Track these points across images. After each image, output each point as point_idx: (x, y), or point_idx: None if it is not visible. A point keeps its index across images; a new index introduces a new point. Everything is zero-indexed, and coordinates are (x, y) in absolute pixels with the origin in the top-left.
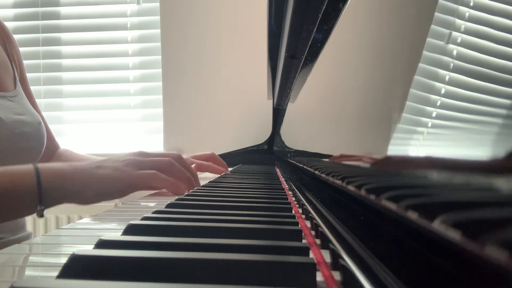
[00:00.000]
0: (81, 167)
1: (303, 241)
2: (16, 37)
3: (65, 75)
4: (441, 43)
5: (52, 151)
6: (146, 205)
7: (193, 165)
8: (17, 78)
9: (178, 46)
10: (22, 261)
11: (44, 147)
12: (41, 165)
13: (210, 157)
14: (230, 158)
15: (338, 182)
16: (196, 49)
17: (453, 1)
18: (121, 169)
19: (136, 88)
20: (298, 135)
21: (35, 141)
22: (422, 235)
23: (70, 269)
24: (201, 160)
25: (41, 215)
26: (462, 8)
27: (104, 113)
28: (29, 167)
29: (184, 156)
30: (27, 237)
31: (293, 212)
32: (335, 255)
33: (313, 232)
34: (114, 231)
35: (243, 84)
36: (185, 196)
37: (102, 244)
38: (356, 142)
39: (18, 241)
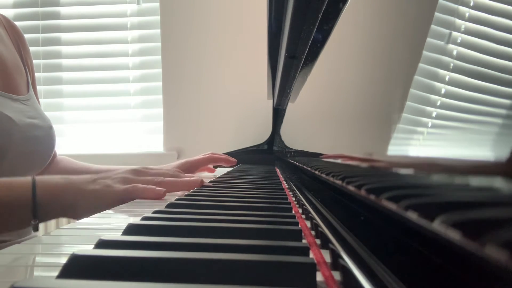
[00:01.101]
0: (74, 182)
1: (303, 241)
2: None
3: (65, 75)
4: (441, 43)
5: (50, 159)
6: (145, 205)
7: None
8: (30, 83)
9: (178, 46)
10: (22, 261)
11: (54, 151)
12: (38, 179)
13: (208, 159)
14: None
15: (338, 182)
16: (196, 49)
17: (453, 1)
18: (110, 185)
19: (136, 88)
20: (298, 135)
21: (45, 145)
22: (422, 235)
23: (70, 269)
24: (199, 162)
25: (35, 228)
26: (462, 8)
27: (104, 113)
28: (26, 180)
29: (183, 161)
30: None
31: (293, 212)
32: (335, 255)
33: (313, 232)
34: (114, 231)
35: (243, 84)
36: (185, 196)
37: (102, 244)
38: (356, 142)
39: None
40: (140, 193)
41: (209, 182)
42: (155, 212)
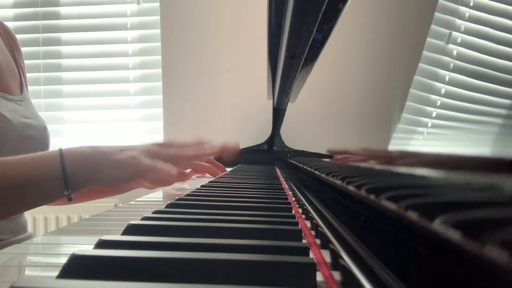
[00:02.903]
0: (101, 150)
1: (303, 241)
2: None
3: (65, 75)
4: (441, 43)
5: None
6: (146, 205)
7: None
8: (24, 84)
9: (178, 46)
10: (22, 261)
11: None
12: (65, 150)
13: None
14: None
15: (338, 182)
16: (196, 49)
17: (453, 1)
18: (135, 156)
19: (136, 88)
20: (298, 135)
21: (40, 145)
22: (422, 235)
23: (70, 269)
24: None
25: (69, 198)
26: (462, 8)
27: (104, 113)
28: (55, 153)
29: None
30: (28, 238)
31: (293, 212)
32: (335, 255)
33: (313, 232)
34: (114, 231)
35: (243, 84)
36: (185, 196)
37: (102, 244)
38: (356, 142)
39: (19, 242)
40: (158, 172)
41: (209, 182)
42: (155, 212)
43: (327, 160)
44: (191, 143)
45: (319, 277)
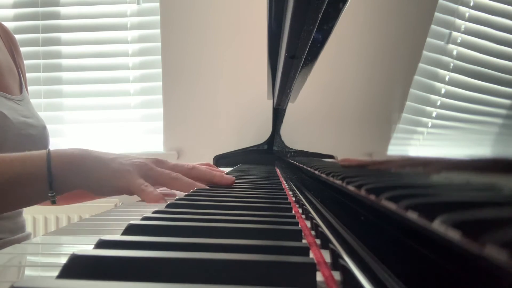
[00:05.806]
0: (92, 154)
1: (303, 241)
2: (15, 37)
3: (65, 75)
4: (441, 43)
5: None
6: (146, 205)
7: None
8: (23, 84)
9: (178, 46)
10: (22, 261)
11: None
12: (53, 151)
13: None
14: (230, 158)
15: (338, 182)
16: (196, 49)
17: (453, 1)
18: (128, 169)
19: (136, 88)
20: (298, 135)
21: (40, 144)
22: (422, 235)
23: (70, 269)
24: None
25: (53, 201)
26: (462, 8)
27: (104, 113)
28: (42, 152)
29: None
30: (27, 237)
31: (293, 212)
32: (335, 255)
33: (313, 232)
34: (114, 231)
35: (243, 84)
36: (185, 196)
37: (102, 244)
38: (356, 142)
39: (18, 241)
40: (146, 196)
41: None
42: (155, 212)
43: (327, 160)
44: (184, 167)
45: (319, 277)
